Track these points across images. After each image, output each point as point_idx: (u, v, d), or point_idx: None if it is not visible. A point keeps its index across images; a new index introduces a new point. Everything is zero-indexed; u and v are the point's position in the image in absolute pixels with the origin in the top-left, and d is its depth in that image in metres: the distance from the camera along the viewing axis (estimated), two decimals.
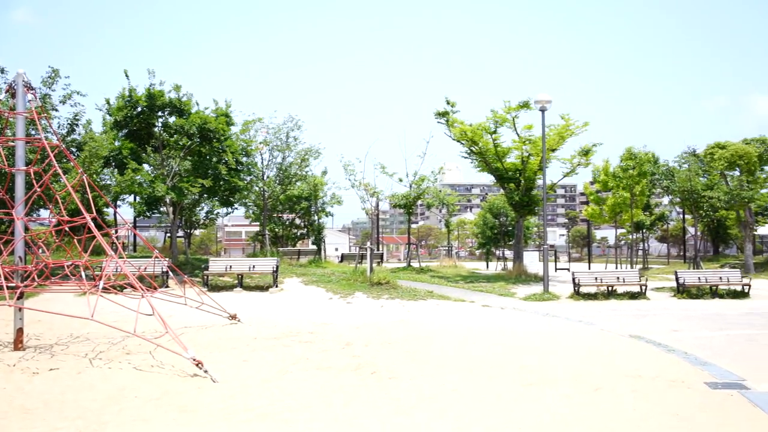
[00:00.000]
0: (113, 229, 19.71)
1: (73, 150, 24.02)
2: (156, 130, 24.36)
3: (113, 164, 24.69)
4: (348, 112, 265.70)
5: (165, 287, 18.66)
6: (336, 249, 58.10)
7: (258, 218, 33.13)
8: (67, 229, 12.64)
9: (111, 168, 24.92)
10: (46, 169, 12.53)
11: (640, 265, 39.68)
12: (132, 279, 10.41)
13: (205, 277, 20.58)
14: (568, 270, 31.77)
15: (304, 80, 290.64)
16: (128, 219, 29.49)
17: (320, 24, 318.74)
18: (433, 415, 6.84)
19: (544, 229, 23.08)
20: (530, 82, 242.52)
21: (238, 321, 13.81)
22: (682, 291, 20.49)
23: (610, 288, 20.27)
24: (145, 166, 24.18)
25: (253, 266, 21.26)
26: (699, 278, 20.87)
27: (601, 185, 38.09)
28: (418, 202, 34.62)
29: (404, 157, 36.20)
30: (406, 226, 39.15)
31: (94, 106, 24.72)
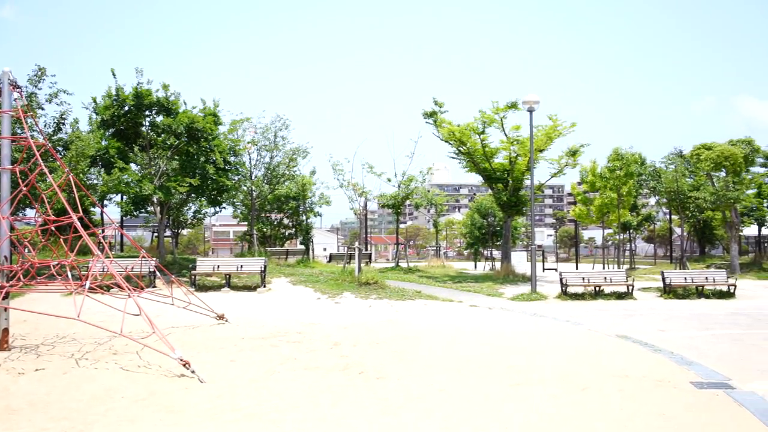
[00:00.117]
0: (100, 228, 19.63)
1: (60, 149, 23.87)
2: (143, 129, 24.26)
3: (100, 163, 24.56)
4: (336, 112, 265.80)
5: (152, 287, 18.58)
6: (324, 249, 58.08)
7: (246, 218, 33.06)
8: (53, 229, 12.57)
9: (98, 167, 24.79)
10: (32, 168, 12.45)
11: (627, 265, 39.86)
12: (119, 279, 10.36)
13: (193, 277, 20.52)
14: (555, 270, 31.86)
15: (292, 81, 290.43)
16: (115, 218, 29.33)
17: (309, 25, 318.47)
18: (420, 415, 6.85)
19: (532, 229, 23.15)
20: (519, 83, 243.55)
21: (226, 321, 13.77)
22: (669, 291, 20.61)
23: (597, 288, 20.36)
24: (132, 166, 24.05)
25: (241, 266, 21.21)
26: (685, 278, 21.00)
27: (588, 186, 38.25)
28: (406, 202, 34.67)
29: (393, 157, 36.43)
30: (395, 226, 39.18)
31: (81, 105, 24.60)
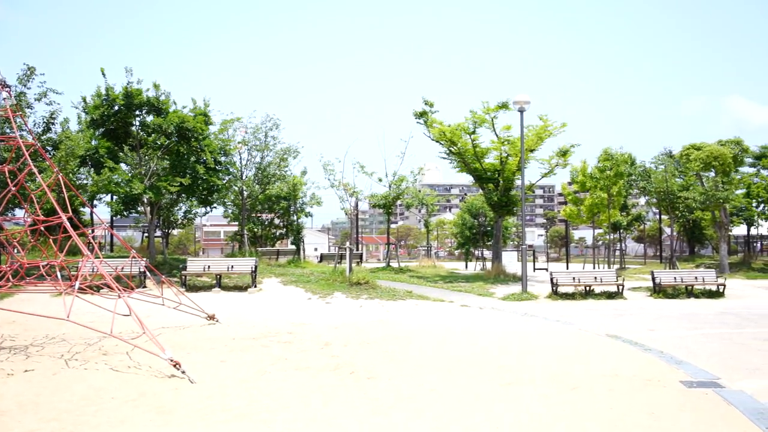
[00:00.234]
0: (89, 228, 19.54)
1: (49, 149, 23.73)
2: (133, 128, 24.17)
3: (90, 163, 24.45)
4: (328, 112, 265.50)
5: (142, 287, 18.52)
6: (315, 249, 58.02)
7: (237, 218, 32.99)
8: (42, 229, 12.51)
9: (87, 167, 24.68)
10: (21, 168, 12.39)
11: (617, 265, 39.99)
12: (108, 279, 10.31)
13: (183, 277, 20.46)
14: (546, 270, 31.94)
15: (284, 81, 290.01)
16: (105, 219, 29.21)
17: (302, 26, 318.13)
18: (411, 415, 6.85)
19: (523, 229, 23.19)
20: (510, 84, 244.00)
21: (217, 321, 13.73)
22: (659, 291, 20.70)
23: (587, 288, 20.43)
24: (122, 166, 23.97)
25: (232, 266, 21.16)
26: (675, 278, 21.10)
27: (578, 186, 38.34)
28: (397, 202, 34.67)
29: (383, 157, 36.34)
30: (386, 226, 39.17)
31: (70, 104, 24.48)
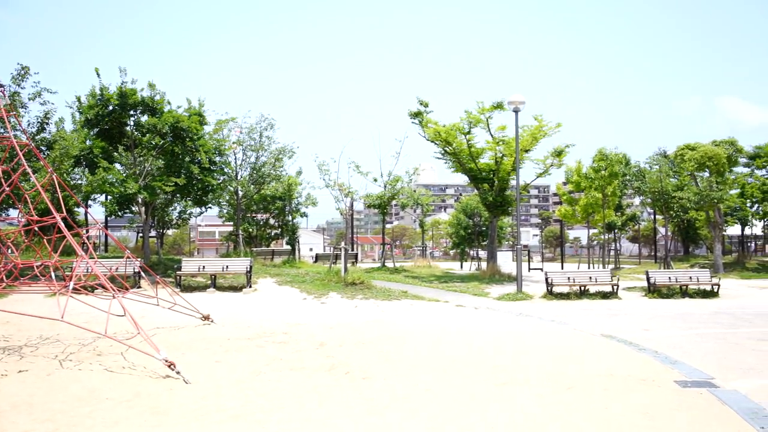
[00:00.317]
0: (84, 229, 19.48)
1: (43, 149, 23.67)
2: (128, 128, 24.13)
3: (84, 163, 24.38)
4: (322, 112, 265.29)
5: (137, 288, 18.48)
6: (310, 249, 57.99)
7: (232, 218, 32.94)
8: (36, 229, 12.46)
9: (82, 167, 24.61)
10: (15, 168, 12.35)
11: (611, 265, 40.08)
12: (103, 279, 10.29)
13: (178, 277, 20.43)
14: (541, 270, 32.03)
15: (278, 81, 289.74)
16: (99, 219, 29.13)
17: (296, 26, 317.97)
18: (406, 415, 6.85)
19: (518, 229, 23.23)
20: (504, 84, 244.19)
21: (211, 322, 13.71)
22: (653, 291, 20.75)
23: (582, 288, 20.47)
24: (116, 166, 23.93)
25: (227, 266, 21.14)
26: (669, 278, 21.15)
27: (573, 186, 38.42)
28: (392, 202, 34.68)
29: (379, 157, 36.35)
30: (381, 226, 39.15)
31: (65, 104, 24.42)
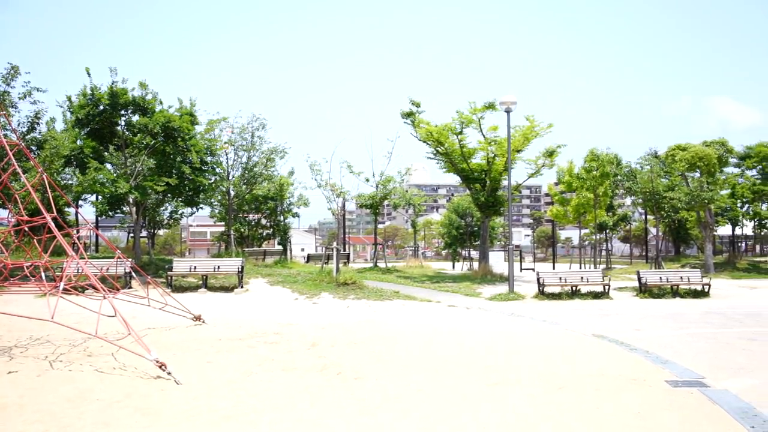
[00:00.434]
0: (74, 229, 19.41)
1: (34, 148, 23.56)
2: (119, 128, 24.06)
3: (74, 163, 24.29)
4: (315, 113, 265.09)
5: (128, 288, 18.41)
6: (302, 249, 57.96)
7: (223, 218, 32.87)
8: (26, 229, 12.40)
9: (72, 167, 24.51)
10: (5, 168, 12.28)
11: (603, 265, 40.19)
12: (93, 280, 10.24)
13: (169, 277, 20.37)
14: (533, 270, 32.07)
15: (271, 82, 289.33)
16: (90, 219, 29.01)
17: (290, 26, 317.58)
18: (398, 416, 6.85)
19: (510, 229, 23.26)
20: (496, 84, 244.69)
21: (203, 322, 13.67)
22: (644, 291, 20.82)
23: (574, 288, 20.52)
24: (107, 166, 23.85)
25: (218, 267, 21.09)
26: (660, 278, 21.22)
27: (565, 186, 38.51)
28: (384, 203, 34.68)
29: (371, 157, 36.38)
30: (373, 227, 39.16)
31: (55, 103, 24.32)
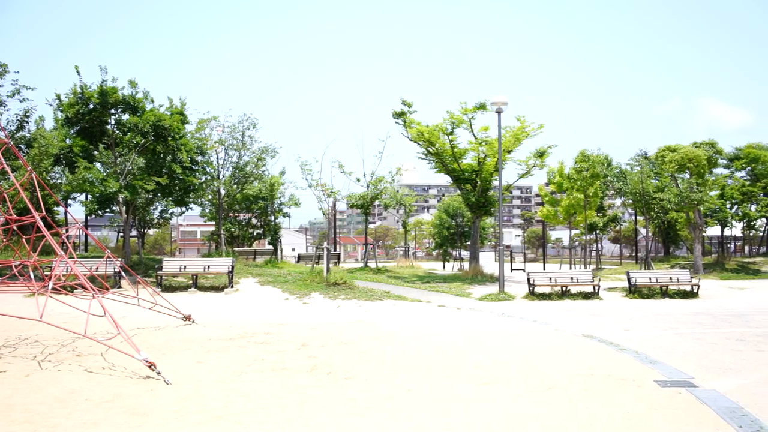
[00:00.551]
0: (63, 228, 19.32)
1: (22, 147, 23.45)
2: (109, 127, 23.96)
3: (64, 162, 24.19)
4: (306, 112, 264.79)
5: (117, 288, 18.35)
6: (293, 249, 57.96)
7: (214, 218, 32.80)
8: (15, 229, 12.33)
9: (62, 166, 24.41)
10: None
11: (593, 265, 40.37)
12: (82, 279, 10.19)
13: (159, 277, 20.31)
14: (523, 270, 32.15)
15: (261, 80, 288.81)
16: (79, 218, 28.89)
17: (281, 24, 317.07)
18: (388, 416, 6.85)
19: (500, 229, 23.30)
20: (486, 85, 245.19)
21: (193, 322, 13.64)
22: (634, 291, 20.91)
23: (564, 288, 20.58)
24: (97, 165, 23.76)
25: (208, 266, 21.03)
26: (650, 279, 21.32)
27: (555, 187, 38.67)
28: (375, 203, 34.67)
29: (362, 157, 36.21)
30: (364, 227, 39.13)
31: (45, 102, 24.22)
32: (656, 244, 48.03)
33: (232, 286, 20.39)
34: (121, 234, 30.89)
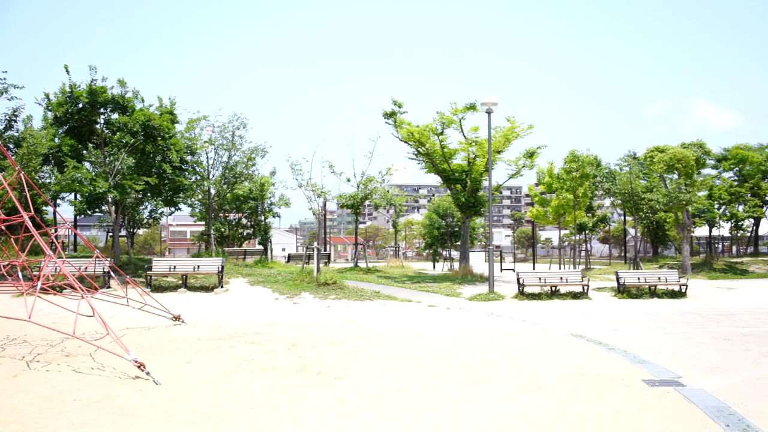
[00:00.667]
0: (52, 228, 19.23)
1: (11, 146, 23.32)
2: (98, 126, 23.86)
3: (53, 161, 24.08)
4: (297, 112, 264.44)
5: (107, 288, 18.28)
6: (283, 249, 57.88)
7: (203, 218, 32.71)
8: (3, 228, 12.27)
9: (50, 165, 24.30)
10: None
11: (582, 265, 40.53)
12: (71, 279, 10.15)
13: (149, 277, 20.24)
14: (513, 270, 32.25)
15: (252, 80, 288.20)
16: (68, 218, 28.76)
17: (271, 24, 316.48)
18: (377, 416, 6.86)
19: (490, 230, 23.36)
20: (477, 85, 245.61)
21: (182, 322, 13.60)
22: (623, 291, 21.00)
23: (553, 288, 20.65)
24: (86, 164, 23.65)
25: (198, 266, 20.98)
26: (639, 279, 21.42)
27: (545, 187, 38.79)
28: (365, 203, 34.67)
29: (352, 157, 36.14)
30: (354, 227, 39.13)
31: (34, 101, 24.07)
32: (645, 244, 48.25)
33: (222, 286, 20.35)
34: (111, 234, 30.75)
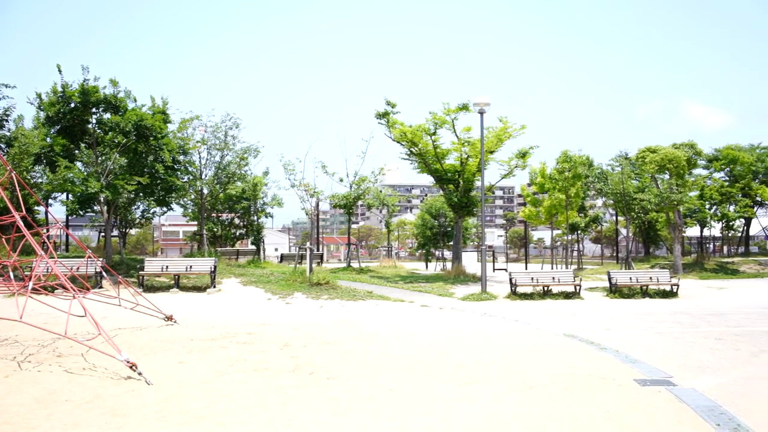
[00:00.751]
0: (44, 228, 19.17)
1: (2, 146, 23.22)
2: (90, 126, 23.78)
3: (44, 161, 23.98)
4: (289, 112, 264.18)
5: (98, 288, 18.22)
6: (276, 249, 57.84)
7: (196, 218, 32.64)
8: None
9: (42, 165, 24.20)
10: None
11: (574, 265, 40.61)
12: (63, 279, 10.12)
13: (141, 277, 20.18)
14: (505, 270, 32.29)
15: (245, 81, 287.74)
16: (60, 218, 28.65)
17: (264, 25, 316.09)
18: (370, 415, 6.87)
19: (482, 229, 23.39)
20: (469, 85, 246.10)
21: (175, 322, 13.58)
22: (615, 291, 21.07)
23: (545, 288, 20.70)
24: (78, 164, 23.57)
25: (191, 266, 20.94)
26: (630, 278, 21.49)
27: (537, 187, 38.81)
28: (358, 203, 34.66)
29: (344, 158, 36.15)
30: (347, 227, 39.14)
31: (26, 100, 24.01)
32: (637, 244, 48.40)
33: (214, 286, 20.32)
34: (103, 234, 30.65)
